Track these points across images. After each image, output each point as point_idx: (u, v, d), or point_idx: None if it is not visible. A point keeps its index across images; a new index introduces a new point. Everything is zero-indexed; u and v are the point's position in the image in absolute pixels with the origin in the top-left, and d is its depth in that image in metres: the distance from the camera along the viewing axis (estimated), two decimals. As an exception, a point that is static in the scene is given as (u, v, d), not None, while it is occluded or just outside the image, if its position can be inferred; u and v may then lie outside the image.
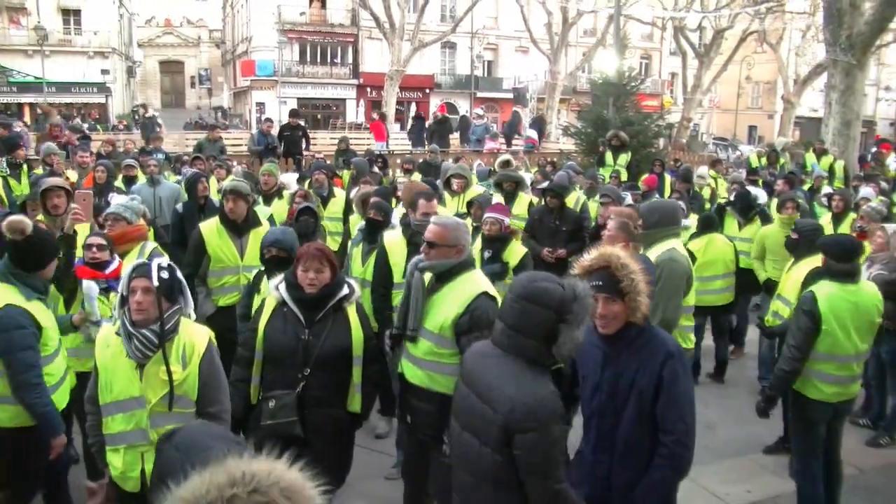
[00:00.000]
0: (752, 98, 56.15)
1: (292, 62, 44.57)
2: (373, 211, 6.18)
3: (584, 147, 14.77)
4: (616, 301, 3.10)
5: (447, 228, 4.12)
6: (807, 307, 4.71)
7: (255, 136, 15.51)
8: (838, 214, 8.87)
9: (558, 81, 35.96)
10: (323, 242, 6.92)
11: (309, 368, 3.93)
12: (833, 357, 4.71)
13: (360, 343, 4.07)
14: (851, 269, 4.78)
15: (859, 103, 16.99)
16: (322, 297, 3.98)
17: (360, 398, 4.12)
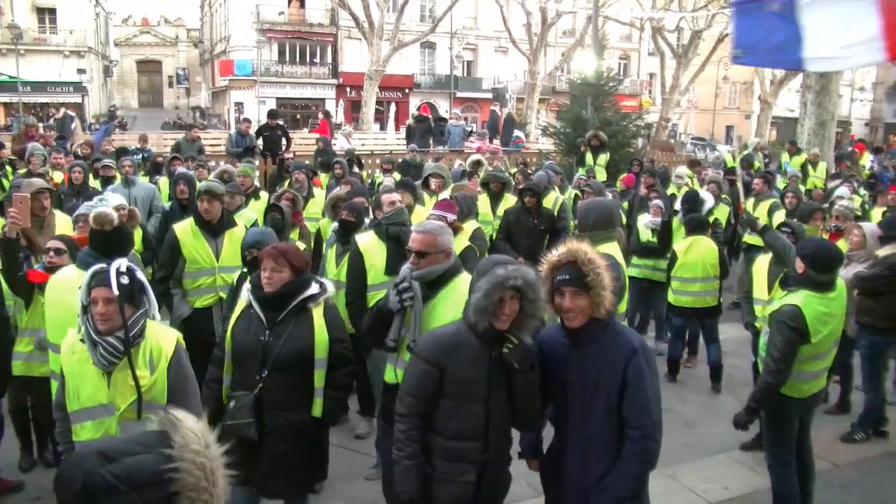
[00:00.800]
0: (730, 98, 56.66)
1: (271, 62, 44.42)
2: (345, 212, 6.17)
3: (563, 147, 14.84)
4: (582, 295, 3.16)
5: (433, 235, 4.00)
6: (793, 323, 4.58)
7: (233, 136, 15.40)
8: (792, 212, 8.98)
9: (537, 81, 36.08)
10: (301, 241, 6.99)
11: (266, 370, 3.85)
12: (815, 357, 4.75)
13: (324, 345, 3.94)
14: (832, 279, 4.71)
15: (834, 104, 17.17)
16: (281, 297, 3.88)
17: (321, 402, 3.98)
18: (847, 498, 5.55)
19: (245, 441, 3.75)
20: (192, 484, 1.55)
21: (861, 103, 60.23)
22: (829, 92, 16.69)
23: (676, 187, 11.55)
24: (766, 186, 10.65)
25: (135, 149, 13.36)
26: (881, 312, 6.14)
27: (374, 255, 5.35)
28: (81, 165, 9.21)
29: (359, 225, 6.06)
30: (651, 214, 8.46)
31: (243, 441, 3.73)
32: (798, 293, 4.70)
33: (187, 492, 1.54)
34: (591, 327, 3.21)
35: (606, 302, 3.14)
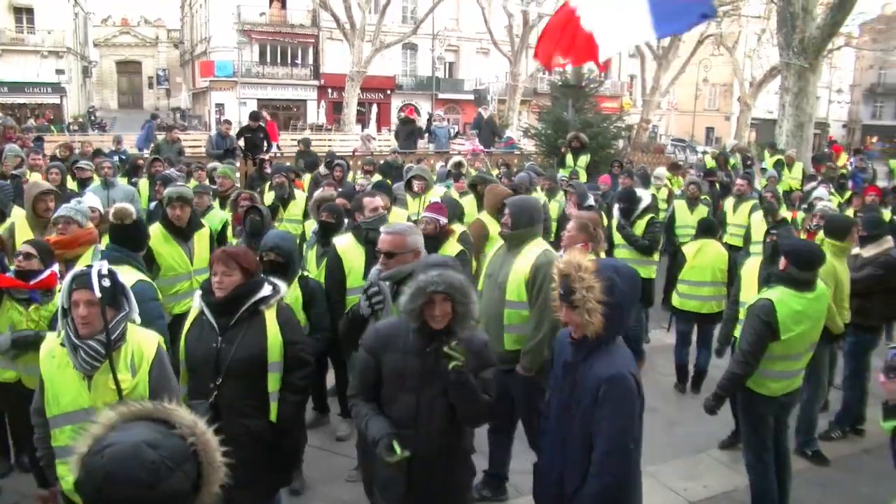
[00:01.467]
0: (710, 100, 57.10)
1: (252, 63, 44.24)
2: (325, 213, 6.16)
3: (543, 148, 14.86)
4: (573, 311, 3.14)
5: (402, 235, 4.11)
6: (765, 317, 4.67)
7: (214, 138, 15.29)
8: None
9: (519, 83, 36.19)
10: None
11: (220, 377, 3.77)
12: (786, 357, 4.80)
13: (278, 348, 3.88)
14: (812, 277, 4.77)
15: (812, 105, 17.35)
16: (232, 302, 3.81)
17: (276, 407, 3.91)
18: (825, 496, 5.61)
19: None
20: (209, 457, 1.78)
21: (839, 105, 60.94)
22: (806, 94, 16.88)
23: (656, 188, 11.62)
24: (748, 188, 10.75)
25: (110, 151, 13.25)
26: (874, 312, 6.22)
27: (354, 259, 5.36)
28: (59, 167, 9.12)
29: (338, 226, 6.06)
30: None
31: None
32: (776, 289, 4.79)
33: (207, 464, 1.77)
34: (582, 343, 3.21)
35: (591, 325, 3.10)
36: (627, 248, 8.08)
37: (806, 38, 16.37)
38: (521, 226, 4.97)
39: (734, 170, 15.76)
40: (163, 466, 1.63)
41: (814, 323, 4.83)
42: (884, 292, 6.19)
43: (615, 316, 3.09)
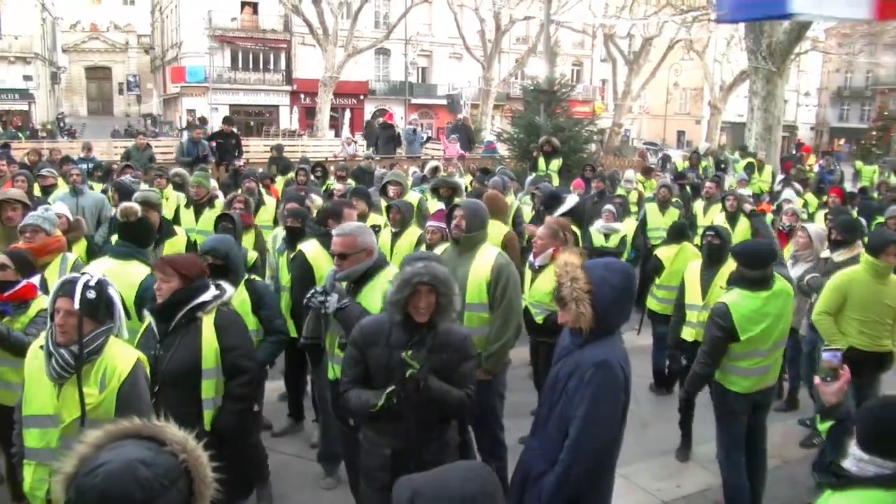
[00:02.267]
0: (681, 104, 57.67)
1: (224, 68, 43.96)
2: (290, 218, 6.14)
3: (516, 153, 14.94)
4: (565, 309, 3.20)
5: (351, 236, 4.21)
6: (721, 321, 4.79)
7: (185, 144, 15.15)
8: (733, 213, 9.16)
9: (492, 88, 36.29)
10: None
11: (158, 385, 3.76)
12: (750, 354, 4.88)
13: (213, 355, 3.86)
14: (762, 276, 4.84)
15: (780, 108, 17.64)
16: (170, 308, 3.82)
17: (210, 415, 3.90)
18: (795, 493, 5.66)
19: None
20: (200, 473, 1.76)
21: (807, 108, 61.82)
22: (774, 97, 17.15)
23: (626, 191, 11.71)
24: (718, 190, 10.87)
25: (79, 157, 13.08)
26: None
27: (324, 267, 5.30)
28: (25, 174, 9.00)
29: (304, 231, 6.04)
30: (603, 219, 8.56)
31: None
32: (732, 292, 4.92)
33: (198, 481, 1.75)
34: (577, 333, 3.24)
35: (583, 317, 3.12)
36: None
37: (773, 43, 16.64)
38: (475, 228, 5.05)
39: (705, 172, 15.94)
40: (157, 484, 1.64)
41: (776, 320, 4.90)
42: None
43: (605, 308, 3.12)
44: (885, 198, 12.31)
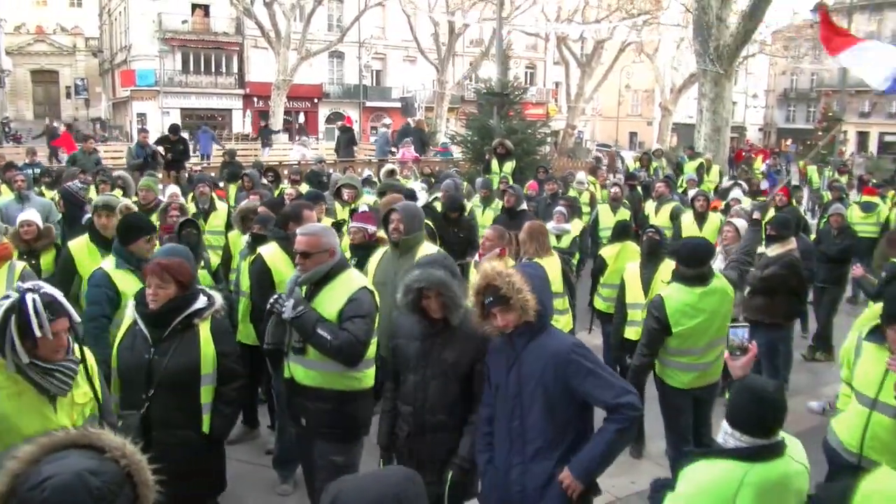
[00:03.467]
0: (632, 106, 58.48)
1: (174, 71, 43.31)
2: (257, 226, 6.11)
3: (470, 155, 15.01)
4: (509, 309, 3.30)
5: (316, 235, 4.23)
6: (656, 312, 4.97)
7: (133, 148, 14.95)
8: (702, 213, 9.35)
9: (446, 91, 36.37)
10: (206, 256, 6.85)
11: (153, 389, 3.79)
12: (686, 351, 5.01)
13: (211, 361, 3.92)
14: (700, 273, 4.99)
15: (728, 110, 18.00)
16: (165, 314, 3.83)
17: (209, 419, 3.96)
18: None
19: None
20: (142, 477, 1.79)
21: (755, 109, 63.18)
22: (722, 99, 17.49)
23: (578, 192, 11.86)
24: (667, 190, 11.07)
25: (24, 163, 12.81)
26: (776, 310, 6.46)
27: (284, 271, 5.27)
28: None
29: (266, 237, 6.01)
30: (555, 221, 8.66)
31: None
32: (670, 286, 5.09)
33: (141, 484, 1.77)
34: (521, 329, 3.35)
35: (529, 305, 3.28)
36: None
37: (721, 46, 16.96)
38: (414, 230, 5.15)
39: (656, 172, 16.21)
40: (107, 492, 1.64)
41: (711, 317, 5.03)
42: (786, 291, 6.45)
43: (542, 298, 3.33)
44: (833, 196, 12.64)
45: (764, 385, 2.73)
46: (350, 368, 4.13)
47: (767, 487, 2.55)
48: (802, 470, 2.67)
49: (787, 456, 2.65)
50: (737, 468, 2.58)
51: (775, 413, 2.66)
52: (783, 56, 47.42)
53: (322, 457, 4.21)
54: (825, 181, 17.86)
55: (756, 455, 2.60)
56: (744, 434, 2.64)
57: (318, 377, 4.15)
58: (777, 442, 2.65)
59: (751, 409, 2.66)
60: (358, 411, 4.27)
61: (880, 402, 3.66)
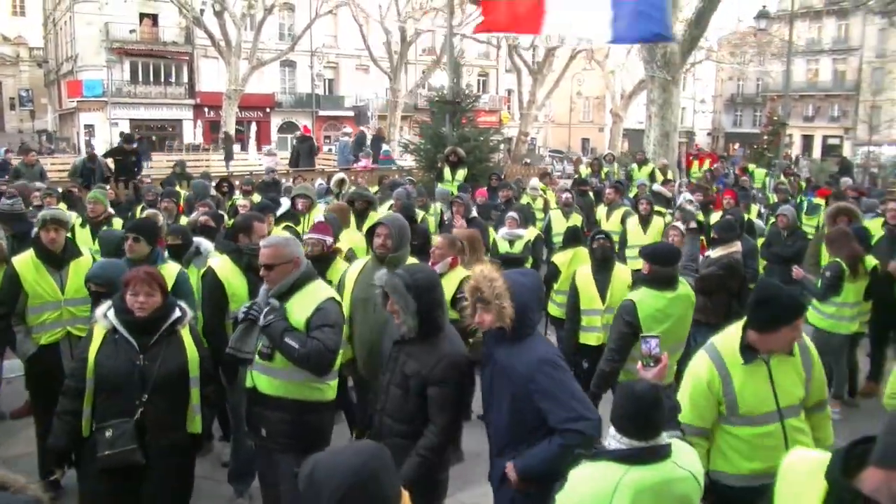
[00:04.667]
0: (584, 112, 59.22)
1: (123, 82, 42.63)
2: (170, 236, 6.03)
3: (423, 163, 15.05)
4: (487, 310, 3.37)
5: (280, 246, 4.23)
6: (627, 317, 5.02)
7: (79, 164, 14.69)
8: (646, 217, 9.52)
9: (399, 99, 36.42)
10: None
11: (147, 394, 3.87)
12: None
13: (196, 364, 4.07)
14: (673, 274, 5.12)
15: (676, 115, 18.36)
16: (154, 321, 3.95)
17: (199, 419, 4.12)
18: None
19: (120, 473, 3.81)
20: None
21: (703, 114, 64.43)
22: (670, 105, 17.84)
23: (531, 198, 11.97)
24: (618, 195, 11.23)
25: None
26: (712, 310, 6.60)
27: (237, 286, 5.20)
28: None
29: (186, 247, 5.94)
30: (507, 226, 8.73)
31: (118, 474, 3.81)
32: (638, 290, 5.14)
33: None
34: (494, 334, 3.43)
35: (505, 312, 3.32)
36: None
37: (668, 53, 17.30)
38: (402, 246, 5.03)
39: (608, 177, 16.44)
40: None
41: (677, 321, 5.15)
42: (723, 292, 6.60)
43: (523, 305, 3.34)
44: (778, 198, 12.94)
45: (641, 388, 2.75)
46: (315, 378, 4.13)
47: (643, 490, 2.58)
48: (687, 476, 2.69)
49: (671, 461, 2.67)
50: (615, 470, 2.62)
51: (650, 416, 2.68)
52: (729, 62, 48.50)
53: (286, 468, 4.14)
54: (771, 183, 18.28)
55: (633, 458, 2.63)
56: (623, 436, 2.68)
57: (281, 386, 4.17)
58: (657, 446, 2.67)
59: (628, 412, 2.69)
60: (318, 423, 4.28)
61: None
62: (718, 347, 3.57)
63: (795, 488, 2.18)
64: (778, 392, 3.48)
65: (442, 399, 3.55)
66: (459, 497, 5.35)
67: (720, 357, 3.53)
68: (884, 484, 1.91)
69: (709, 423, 3.55)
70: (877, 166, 36.58)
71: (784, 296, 3.47)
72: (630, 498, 2.55)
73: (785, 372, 3.51)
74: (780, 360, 3.50)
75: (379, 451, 2.16)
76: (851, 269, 6.81)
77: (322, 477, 2.05)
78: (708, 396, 3.51)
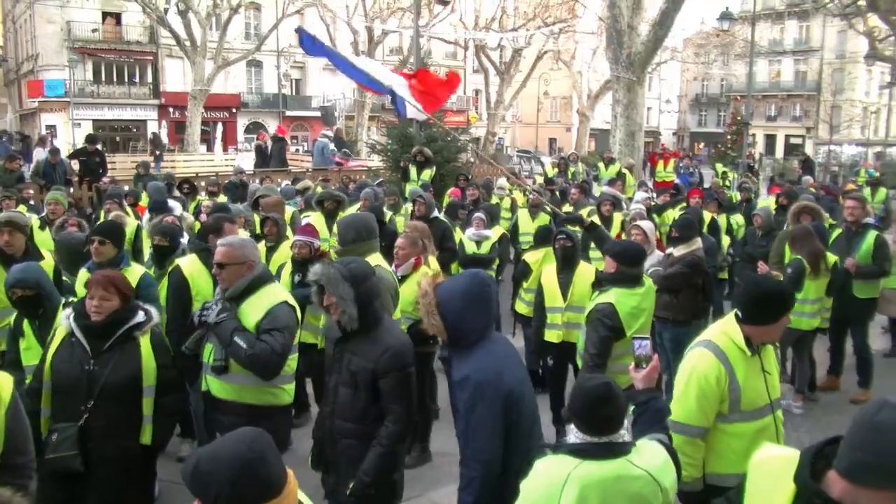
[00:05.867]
0: (551, 112, 59.51)
1: (86, 82, 41.94)
2: (157, 237, 6.02)
3: (390, 163, 15.02)
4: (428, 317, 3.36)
5: (234, 247, 4.25)
6: (609, 321, 4.99)
7: (42, 163, 14.45)
8: (607, 217, 9.61)
9: (366, 99, 36.31)
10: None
11: (93, 400, 3.79)
12: (625, 352, 5.11)
13: (152, 373, 3.94)
14: (640, 272, 5.18)
15: (641, 115, 18.56)
16: (108, 326, 3.86)
17: (150, 430, 3.98)
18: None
19: (68, 478, 3.73)
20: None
21: (668, 114, 65.17)
22: (636, 105, 18.02)
23: (498, 198, 12.02)
24: (582, 195, 11.33)
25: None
26: (680, 307, 6.68)
27: (202, 284, 5.20)
28: None
29: (173, 250, 5.91)
30: (474, 227, 8.76)
31: (66, 478, 3.73)
32: (610, 291, 5.10)
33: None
34: (447, 344, 3.43)
35: (437, 329, 3.33)
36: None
37: (633, 54, 17.48)
38: (347, 242, 5.12)
39: (574, 177, 16.56)
40: None
41: (647, 317, 5.22)
42: (689, 289, 6.68)
43: (456, 317, 3.29)
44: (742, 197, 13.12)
45: (591, 385, 2.78)
46: (266, 382, 4.11)
47: (591, 484, 2.62)
48: (643, 475, 2.69)
49: (626, 459, 2.69)
50: (567, 463, 2.67)
51: (602, 412, 2.71)
52: (694, 62, 49.12)
53: None
54: (735, 182, 18.55)
55: (586, 452, 2.68)
56: (580, 431, 2.73)
57: (233, 391, 4.15)
58: (611, 442, 2.70)
59: (579, 408, 2.75)
60: (274, 427, 4.21)
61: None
62: (719, 344, 3.57)
63: (764, 488, 2.20)
64: (769, 384, 3.59)
65: (393, 388, 3.59)
66: (431, 496, 5.37)
67: (723, 353, 3.54)
68: (849, 496, 1.93)
69: (710, 423, 3.57)
70: (837, 165, 37.32)
71: (780, 288, 3.79)
72: (578, 490, 2.60)
73: (771, 364, 3.65)
74: (766, 352, 3.62)
75: (260, 436, 2.21)
76: (812, 267, 6.92)
77: (208, 469, 2.07)
78: (716, 393, 3.51)
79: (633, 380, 3.31)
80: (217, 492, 2.04)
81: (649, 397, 3.22)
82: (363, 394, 3.61)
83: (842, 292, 7.39)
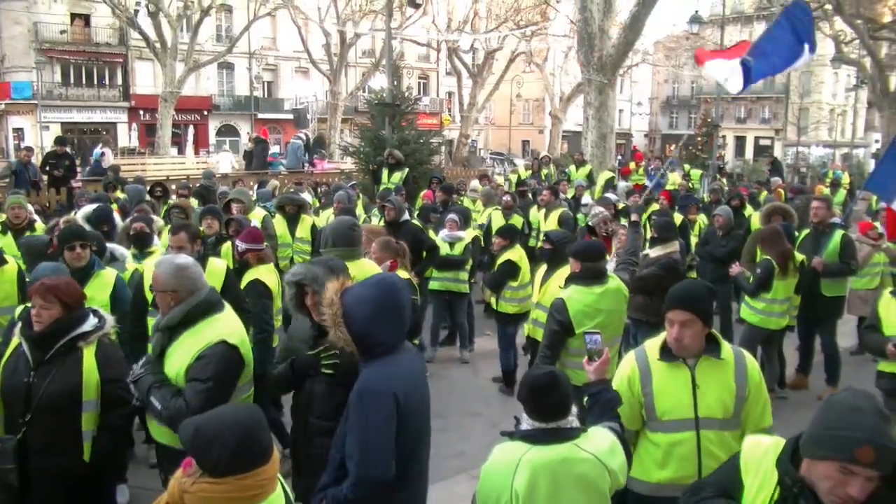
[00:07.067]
0: (524, 114, 59.69)
1: (54, 84, 41.32)
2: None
3: (363, 166, 15.00)
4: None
5: (160, 272, 3.78)
6: (559, 315, 5.12)
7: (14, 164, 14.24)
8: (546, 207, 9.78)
9: (339, 102, 36.23)
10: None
11: (30, 413, 3.62)
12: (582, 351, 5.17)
13: (94, 387, 3.71)
14: (601, 268, 5.25)
15: (612, 118, 18.71)
16: (48, 336, 3.68)
17: (90, 446, 3.74)
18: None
19: (12, 492, 3.59)
20: None
21: (640, 117, 65.68)
22: (607, 107, 18.17)
23: (471, 200, 12.05)
24: (553, 197, 11.39)
25: None
26: (654, 309, 6.74)
27: None
28: None
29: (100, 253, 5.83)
30: (447, 228, 8.78)
31: (8, 492, 3.59)
32: (568, 288, 5.24)
33: None
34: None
35: (343, 341, 3.16)
36: None
37: (604, 56, 17.62)
38: (328, 245, 5.15)
39: (546, 179, 16.64)
40: None
41: (610, 316, 5.25)
42: (663, 291, 6.72)
43: (362, 327, 3.09)
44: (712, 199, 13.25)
45: (534, 376, 3.01)
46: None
47: (540, 466, 2.82)
48: (589, 458, 2.89)
49: (573, 444, 2.90)
50: (520, 448, 2.89)
51: (545, 400, 2.92)
52: (664, 65, 49.57)
53: None
54: (705, 184, 18.73)
55: (535, 437, 2.90)
56: (530, 419, 2.94)
57: (167, 435, 3.73)
58: (559, 428, 2.91)
59: (525, 396, 2.97)
60: None
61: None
62: (646, 346, 3.65)
63: (757, 472, 2.44)
64: (699, 400, 3.41)
65: None
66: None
67: (644, 355, 3.58)
68: (806, 471, 2.21)
69: (634, 426, 3.56)
70: (805, 166, 37.86)
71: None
72: (529, 473, 2.82)
73: (711, 381, 3.42)
74: (708, 367, 3.44)
75: (255, 409, 2.45)
76: (781, 267, 7.03)
77: (212, 433, 2.27)
78: (628, 395, 3.49)
79: (587, 373, 3.46)
80: (219, 456, 2.23)
81: (600, 388, 3.38)
82: (341, 390, 3.31)
83: (810, 291, 7.51)
